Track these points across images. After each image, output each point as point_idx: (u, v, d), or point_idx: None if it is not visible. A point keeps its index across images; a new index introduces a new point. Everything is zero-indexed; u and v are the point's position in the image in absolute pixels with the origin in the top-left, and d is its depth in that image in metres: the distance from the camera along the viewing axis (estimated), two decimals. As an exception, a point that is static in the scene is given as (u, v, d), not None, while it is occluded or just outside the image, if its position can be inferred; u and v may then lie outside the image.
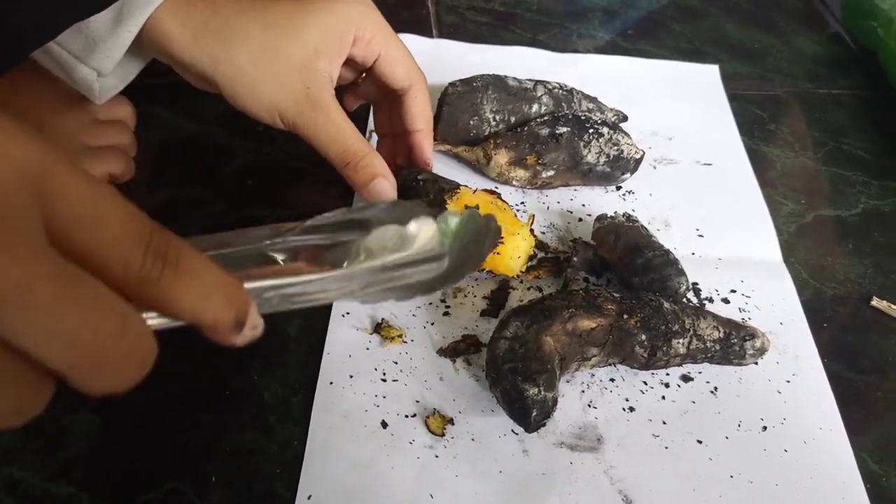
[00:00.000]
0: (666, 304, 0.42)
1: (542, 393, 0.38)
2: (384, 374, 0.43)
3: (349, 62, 0.46)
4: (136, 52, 0.42)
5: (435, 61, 0.56)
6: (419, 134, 0.49)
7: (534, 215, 0.51)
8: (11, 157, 0.18)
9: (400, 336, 0.44)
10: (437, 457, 0.39)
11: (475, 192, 0.47)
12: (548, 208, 0.54)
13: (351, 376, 0.42)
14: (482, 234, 0.33)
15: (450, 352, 0.44)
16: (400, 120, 0.49)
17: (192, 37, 0.41)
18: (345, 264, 0.27)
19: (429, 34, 0.70)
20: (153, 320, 0.21)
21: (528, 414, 0.37)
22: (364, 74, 0.49)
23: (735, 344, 0.43)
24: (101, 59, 0.40)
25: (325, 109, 0.43)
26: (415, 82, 0.47)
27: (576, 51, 0.70)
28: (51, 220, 0.18)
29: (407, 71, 0.47)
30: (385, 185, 0.45)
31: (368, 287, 0.28)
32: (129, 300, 0.20)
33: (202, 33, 0.41)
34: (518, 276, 0.48)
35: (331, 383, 0.42)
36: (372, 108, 0.53)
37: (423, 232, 0.29)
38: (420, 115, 0.48)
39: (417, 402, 0.42)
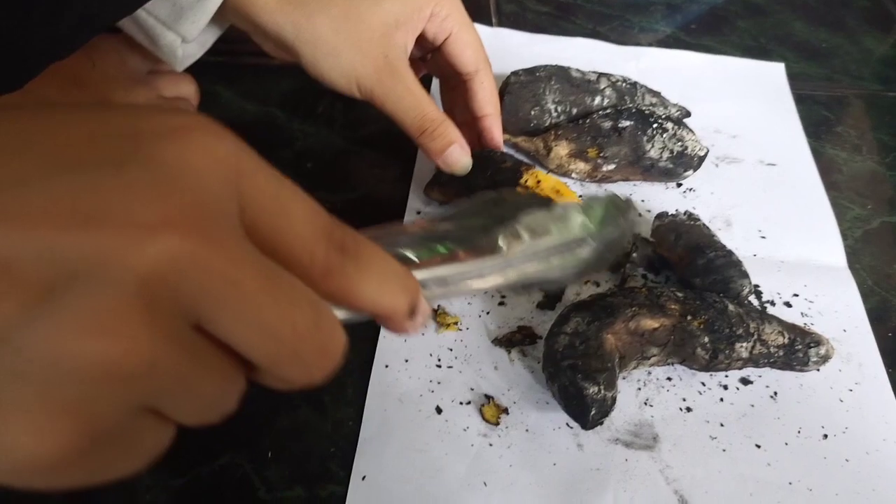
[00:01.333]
0: (731, 307, 0.41)
1: (602, 392, 0.37)
2: (439, 360, 0.43)
3: (420, 38, 0.46)
4: (217, 19, 0.43)
5: (494, 50, 0.55)
6: (488, 118, 0.49)
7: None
8: (215, 155, 0.18)
9: (455, 323, 0.44)
10: (490, 445, 0.39)
11: (547, 173, 0.47)
12: (606, 202, 0.53)
13: (406, 360, 0.43)
14: (621, 218, 0.33)
15: (505, 342, 0.44)
16: (466, 106, 0.49)
17: (276, 4, 0.41)
18: (499, 249, 0.27)
19: (488, 23, 0.69)
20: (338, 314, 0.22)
21: (587, 412, 0.37)
22: (430, 56, 0.49)
23: (799, 350, 0.42)
24: (188, 25, 0.41)
25: (403, 78, 0.44)
26: (481, 67, 0.47)
27: (637, 44, 0.69)
28: (243, 215, 0.19)
29: (475, 55, 0.47)
30: (460, 153, 0.45)
31: (521, 273, 0.28)
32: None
33: (286, 0, 0.41)
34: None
35: (386, 366, 0.42)
36: (440, 89, 0.53)
37: (569, 216, 0.29)
38: (488, 100, 0.48)
39: (472, 389, 0.42)
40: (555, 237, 0.29)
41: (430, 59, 0.50)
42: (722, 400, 0.43)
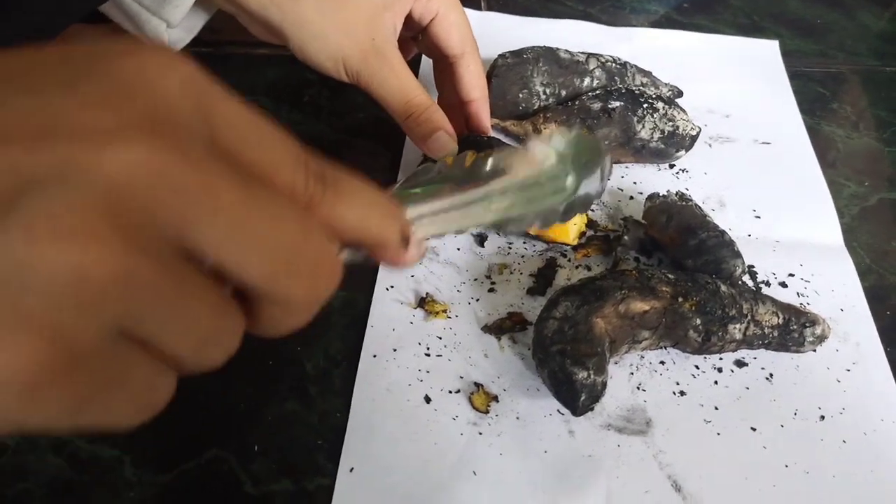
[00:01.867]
0: (723, 288, 0.40)
1: (592, 377, 0.36)
2: (428, 348, 0.42)
3: (407, 18, 0.45)
4: (203, 3, 0.42)
5: (483, 34, 0.54)
6: (475, 103, 0.48)
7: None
8: (175, 73, 0.17)
9: (444, 311, 0.44)
10: (480, 434, 0.39)
11: None
12: (597, 185, 0.52)
13: (394, 350, 0.42)
14: (595, 157, 0.33)
15: (495, 329, 0.43)
16: (454, 90, 0.48)
17: None
18: (482, 175, 0.27)
19: (477, 6, 0.68)
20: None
21: (577, 398, 0.36)
22: (420, 36, 0.49)
23: (794, 331, 0.41)
24: (171, 10, 0.41)
25: (390, 60, 0.43)
26: (468, 50, 0.46)
27: (629, 25, 0.68)
28: (215, 135, 0.18)
29: (462, 37, 0.46)
30: (446, 139, 0.45)
31: (507, 209, 0.28)
32: None
33: None
34: (566, 252, 0.46)
35: (374, 356, 0.42)
36: (433, 70, 0.52)
37: (542, 151, 0.29)
38: (475, 84, 0.47)
39: (461, 378, 0.41)
40: (534, 169, 0.29)
41: (419, 40, 0.49)
42: (716, 383, 0.42)
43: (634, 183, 0.53)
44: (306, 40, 0.42)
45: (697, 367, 0.42)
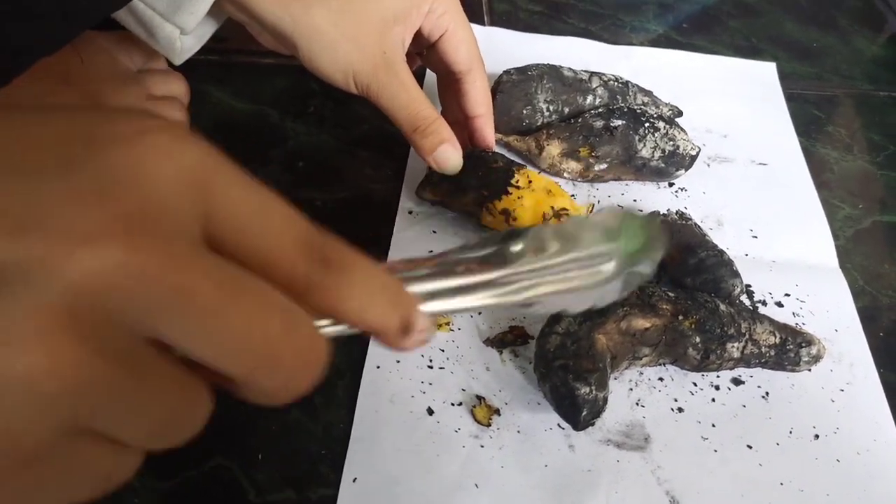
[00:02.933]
0: (722, 307, 0.41)
1: (594, 392, 0.37)
2: (430, 360, 0.43)
3: (416, 33, 0.46)
4: (214, 11, 0.43)
5: (486, 50, 0.55)
6: (480, 119, 0.49)
7: (592, 205, 0.50)
8: (176, 161, 0.17)
9: (447, 323, 0.44)
10: (482, 447, 0.39)
11: (539, 173, 0.47)
12: (598, 202, 0.53)
13: (398, 361, 0.42)
14: (649, 238, 0.30)
15: (497, 342, 0.44)
16: (459, 106, 0.49)
17: None
18: (511, 259, 0.25)
19: (480, 22, 0.69)
20: (322, 329, 0.21)
21: (578, 413, 0.37)
22: (425, 51, 0.49)
23: (791, 350, 0.42)
24: (186, 16, 0.41)
25: (399, 74, 0.43)
26: (475, 67, 0.47)
27: (629, 43, 0.69)
28: (212, 226, 0.18)
29: (469, 54, 0.47)
30: (451, 152, 0.45)
31: (534, 289, 0.26)
32: None
33: None
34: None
35: (377, 367, 0.42)
36: (437, 85, 0.53)
37: (585, 230, 0.27)
38: (480, 100, 0.48)
39: (463, 390, 0.41)
40: (573, 250, 0.26)
41: (424, 55, 0.50)
42: (713, 400, 0.42)
43: (634, 200, 0.54)
44: (317, 51, 0.43)
45: (695, 385, 0.43)
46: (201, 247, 0.17)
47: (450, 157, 0.45)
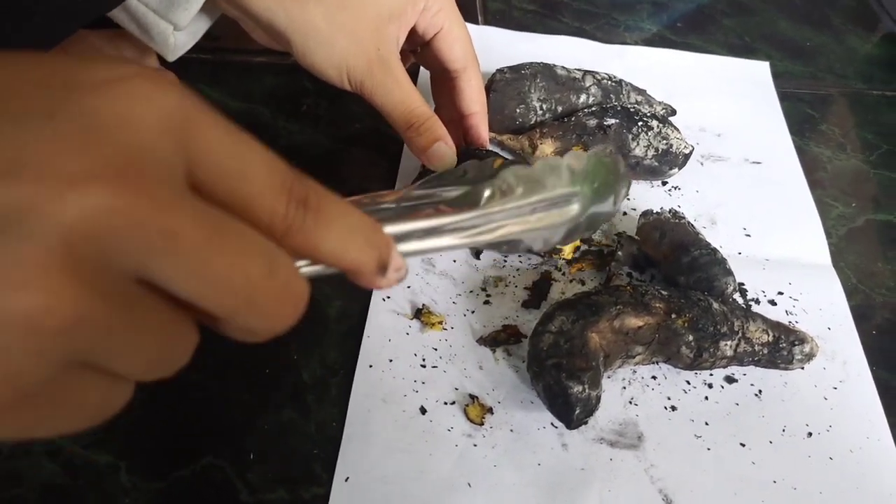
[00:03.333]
0: (715, 305, 0.41)
1: (587, 391, 0.37)
2: (423, 359, 0.42)
3: (411, 31, 0.46)
4: (208, 7, 0.43)
5: (480, 48, 0.55)
6: (474, 117, 0.48)
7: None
8: (156, 106, 0.17)
9: (440, 322, 0.44)
10: (475, 446, 0.39)
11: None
12: (592, 201, 0.53)
13: (390, 360, 0.42)
14: (612, 178, 0.31)
15: (490, 341, 0.44)
16: (453, 104, 0.49)
17: None
18: (481, 200, 0.26)
19: (474, 21, 0.69)
20: (302, 269, 0.22)
21: (571, 411, 0.37)
22: (419, 49, 0.49)
23: (784, 348, 0.42)
24: (180, 12, 0.41)
25: (393, 71, 0.43)
26: (469, 65, 0.47)
27: (623, 42, 0.69)
28: (194, 170, 0.18)
29: (464, 52, 0.47)
30: (445, 150, 0.45)
31: (503, 229, 0.27)
32: None
33: None
34: (560, 266, 0.47)
35: (370, 366, 0.42)
36: (431, 83, 0.53)
37: (550, 173, 0.28)
38: (475, 98, 0.48)
39: (456, 389, 0.41)
40: (539, 192, 0.28)
41: (419, 52, 0.50)
42: (707, 398, 0.42)
43: (627, 199, 0.53)
44: (311, 47, 0.43)
45: (688, 383, 0.43)
46: (185, 190, 0.18)
47: (444, 155, 0.45)
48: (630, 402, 0.42)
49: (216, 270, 0.18)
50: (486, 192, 0.27)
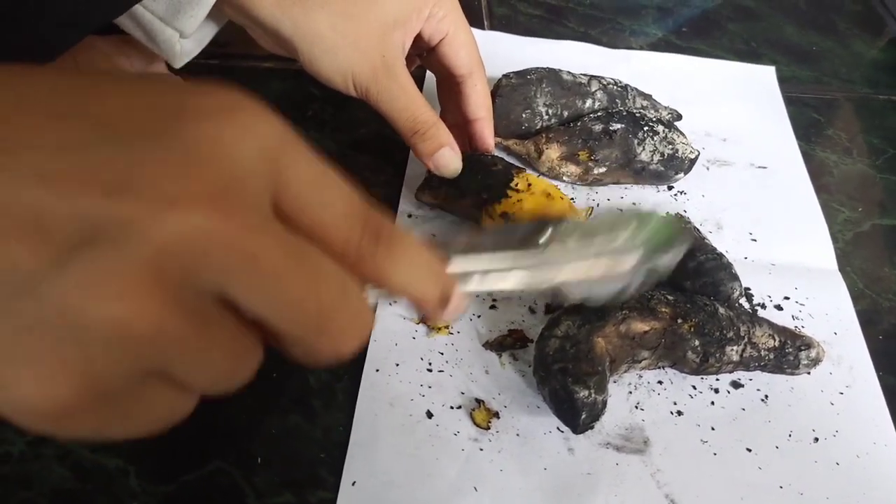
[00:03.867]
0: (721, 310, 0.41)
1: (593, 395, 0.37)
2: (430, 364, 0.43)
3: (416, 37, 0.46)
4: (214, 14, 0.43)
5: (485, 53, 0.55)
6: (480, 122, 0.49)
7: (592, 208, 0.50)
8: (255, 136, 0.19)
9: (446, 327, 0.44)
10: (481, 450, 0.39)
11: (539, 176, 0.47)
12: (597, 205, 0.53)
13: (397, 365, 0.42)
14: (671, 237, 0.32)
15: (496, 345, 0.44)
16: (459, 109, 0.49)
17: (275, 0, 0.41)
18: (541, 245, 0.28)
19: (480, 26, 0.69)
20: (370, 298, 0.23)
21: (578, 416, 0.37)
22: (425, 54, 0.49)
23: (790, 353, 0.42)
24: (186, 19, 0.41)
25: (398, 78, 0.44)
26: (475, 70, 0.47)
27: (628, 47, 0.69)
28: (280, 197, 0.19)
29: (469, 57, 0.47)
30: (451, 155, 0.45)
31: (559, 275, 0.28)
32: None
33: None
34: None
35: (377, 371, 0.42)
36: (437, 87, 0.53)
37: (611, 227, 0.30)
38: (480, 103, 0.48)
39: (463, 393, 0.41)
40: (600, 242, 0.29)
41: (425, 57, 0.50)
42: (713, 403, 0.42)
43: (633, 204, 0.54)
44: (317, 54, 0.43)
45: (695, 388, 0.43)
46: (270, 215, 0.19)
47: (449, 160, 0.46)
48: (636, 407, 0.42)
49: (293, 294, 0.19)
50: (544, 238, 0.28)
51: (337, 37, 0.42)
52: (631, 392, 0.43)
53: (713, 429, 0.41)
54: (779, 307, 0.48)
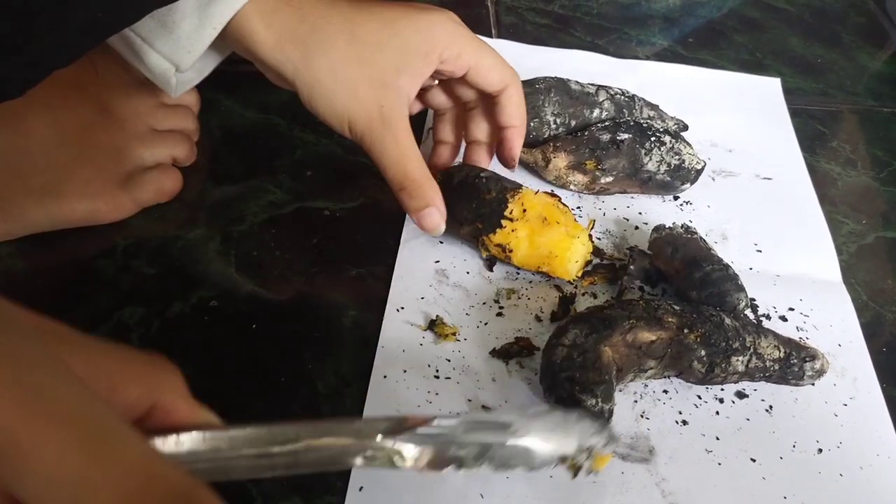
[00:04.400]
0: (727, 320, 0.42)
1: (600, 404, 0.37)
2: (437, 371, 0.43)
3: (439, 75, 0.46)
4: (216, 47, 0.43)
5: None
6: (513, 130, 0.48)
7: (594, 220, 0.50)
8: (169, 481, 0.20)
9: (454, 334, 0.45)
10: (488, 457, 0.39)
11: (537, 192, 0.47)
12: (604, 214, 0.54)
13: (404, 371, 0.43)
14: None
15: (503, 353, 0.44)
16: (492, 119, 0.49)
17: (276, 41, 0.41)
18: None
19: (487, 34, 0.70)
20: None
21: (584, 422, 0.37)
22: (436, 82, 0.49)
23: (795, 364, 0.43)
24: (182, 54, 0.41)
25: (394, 130, 0.43)
26: (509, 83, 0.47)
27: (635, 57, 0.69)
28: None
29: (501, 76, 0.46)
30: (436, 216, 0.45)
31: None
32: None
33: (287, 39, 0.41)
34: (573, 280, 0.48)
35: (384, 377, 0.42)
36: (433, 115, 0.53)
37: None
38: (515, 114, 0.48)
39: (470, 401, 0.42)
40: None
41: (430, 91, 0.50)
42: (718, 413, 0.43)
43: (640, 213, 0.54)
44: (315, 97, 0.43)
45: (700, 398, 0.43)
46: None
47: (433, 220, 0.45)
48: (642, 416, 0.42)
49: None
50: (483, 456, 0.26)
51: (335, 85, 0.42)
52: (636, 401, 0.43)
53: (718, 438, 0.42)
54: (783, 318, 0.48)
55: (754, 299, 0.49)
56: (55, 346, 0.22)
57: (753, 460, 0.41)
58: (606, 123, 0.53)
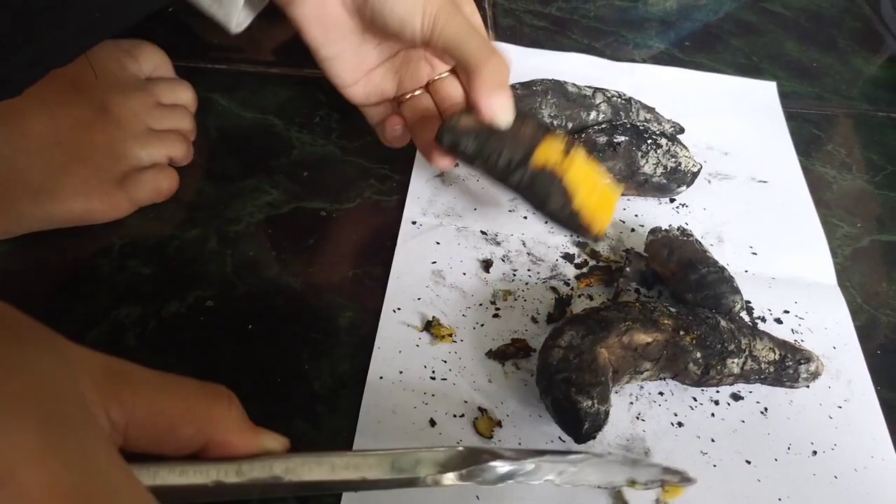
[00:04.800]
0: (723, 323, 0.42)
1: (596, 406, 0.37)
2: (433, 372, 0.43)
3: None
4: None
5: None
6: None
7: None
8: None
9: (450, 335, 0.45)
10: (484, 459, 0.39)
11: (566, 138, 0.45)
12: (600, 217, 0.54)
13: (400, 372, 0.43)
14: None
15: (499, 355, 0.44)
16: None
17: None
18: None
19: (485, 35, 0.70)
20: None
21: (580, 426, 0.37)
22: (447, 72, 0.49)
23: (790, 367, 0.43)
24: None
25: (465, 6, 0.45)
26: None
27: (632, 60, 0.70)
28: None
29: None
30: (509, 102, 0.43)
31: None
32: None
33: None
34: (568, 281, 0.48)
35: (380, 378, 0.42)
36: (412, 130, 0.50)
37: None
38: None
39: (465, 402, 0.42)
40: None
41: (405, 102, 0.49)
42: (713, 415, 0.43)
43: (636, 215, 0.54)
44: None
45: (695, 399, 0.43)
46: None
47: (506, 107, 0.42)
48: (637, 418, 0.42)
49: None
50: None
51: None
52: (632, 403, 0.43)
53: (713, 440, 0.42)
54: (778, 321, 0.48)
55: (750, 302, 0.49)
56: (118, 390, 0.24)
57: (748, 462, 0.41)
58: (603, 126, 0.53)
